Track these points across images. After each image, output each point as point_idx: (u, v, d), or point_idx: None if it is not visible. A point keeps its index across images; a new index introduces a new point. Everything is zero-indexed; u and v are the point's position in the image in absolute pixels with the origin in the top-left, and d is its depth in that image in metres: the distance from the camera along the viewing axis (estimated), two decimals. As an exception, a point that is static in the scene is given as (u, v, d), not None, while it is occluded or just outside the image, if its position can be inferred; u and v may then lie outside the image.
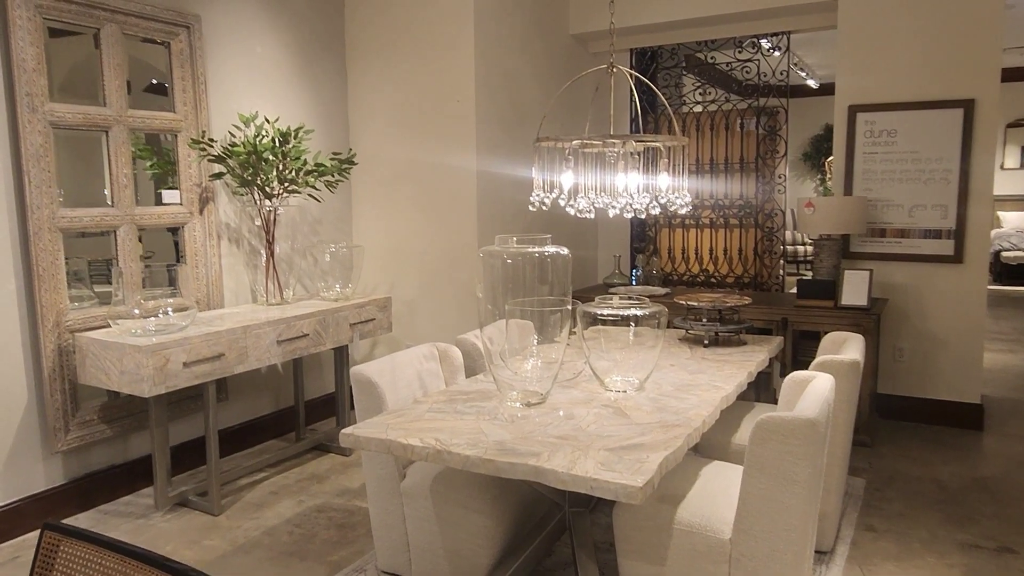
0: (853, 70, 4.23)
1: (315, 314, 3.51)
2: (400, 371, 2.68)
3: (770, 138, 4.83)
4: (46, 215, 2.95)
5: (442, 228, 4.27)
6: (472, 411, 2.28)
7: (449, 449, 1.95)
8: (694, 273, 5.14)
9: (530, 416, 2.23)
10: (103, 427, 3.21)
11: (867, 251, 4.28)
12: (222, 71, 3.70)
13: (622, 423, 2.14)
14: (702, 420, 2.17)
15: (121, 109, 3.21)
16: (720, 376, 2.66)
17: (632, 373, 2.54)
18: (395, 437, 2.04)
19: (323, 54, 4.29)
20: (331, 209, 4.39)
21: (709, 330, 3.13)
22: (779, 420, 1.93)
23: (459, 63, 4.11)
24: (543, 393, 2.40)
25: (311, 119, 4.21)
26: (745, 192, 4.94)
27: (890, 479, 3.49)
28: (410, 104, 4.30)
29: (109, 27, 3.15)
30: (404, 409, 2.32)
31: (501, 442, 1.99)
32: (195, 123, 3.50)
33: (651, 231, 5.28)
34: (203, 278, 3.59)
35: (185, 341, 2.92)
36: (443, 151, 4.21)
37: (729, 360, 2.90)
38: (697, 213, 5.08)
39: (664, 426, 2.11)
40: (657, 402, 2.35)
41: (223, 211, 3.74)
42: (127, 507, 3.25)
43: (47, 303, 2.97)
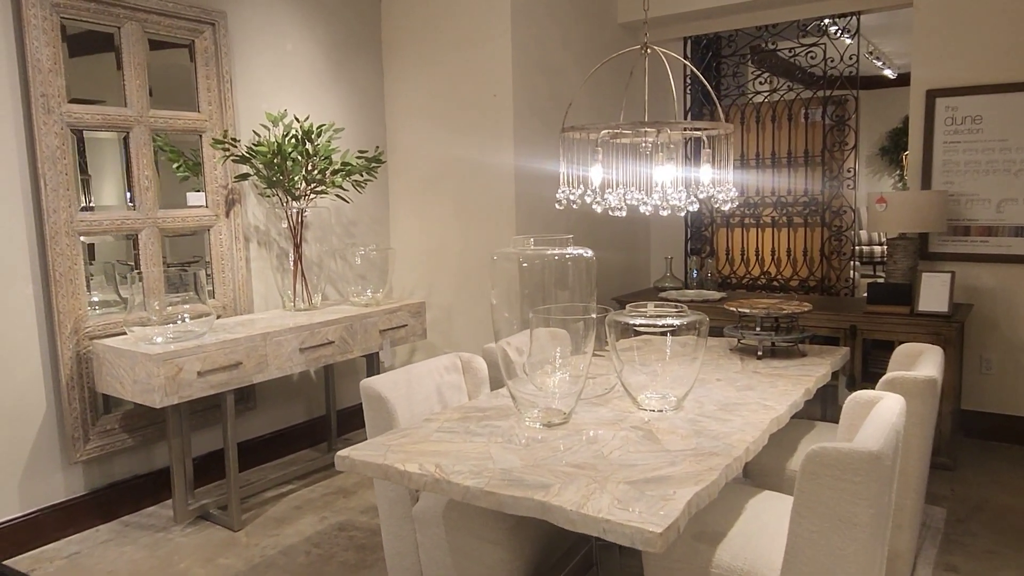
0: (931, 51, 3.81)
1: (341, 320, 3.35)
2: (417, 384, 2.48)
3: (838, 129, 4.43)
4: (63, 219, 2.87)
5: (480, 228, 4.06)
6: (485, 432, 2.05)
7: (449, 478, 1.72)
8: (754, 276, 4.77)
9: (548, 439, 1.98)
10: (124, 436, 3.12)
11: (948, 251, 3.85)
12: (250, 69, 3.59)
13: (651, 449, 1.88)
14: (745, 448, 1.88)
15: (142, 109, 3.12)
16: (772, 394, 2.35)
17: (671, 389, 2.27)
18: (393, 462, 1.83)
19: (358, 50, 4.15)
20: (366, 210, 4.24)
21: (763, 340, 2.81)
22: (834, 453, 1.63)
23: (496, 56, 3.90)
24: (566, 412, 2.15)
25: (345, 118, 4.07)
26: (811, 188, 4.55)
27: (976, 509, 3.08)
28: (447, 100, 4.11)
29: (129, 26, 3.06)
30: (410, 429, 2.11)
31: (509, 470, 1.76)
32: (220, 123, 3.39)
33: (707, 231, 4.94)
34: (229, 282, 3.47)
35: (199, 349, 2.80)
36: (480, 148, 4.00)
37: (784, 375, 2.58)
38: (757, 211, 4.72)
39: (699, 455, 1.83)
40: (695, 424, 2.07)
41: (251, 213, 3.63)
42: (149, 519, 3.16)
43: (64, 309, 2.89)
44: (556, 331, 2.52)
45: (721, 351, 2.95)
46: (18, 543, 2.86)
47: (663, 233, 5.10)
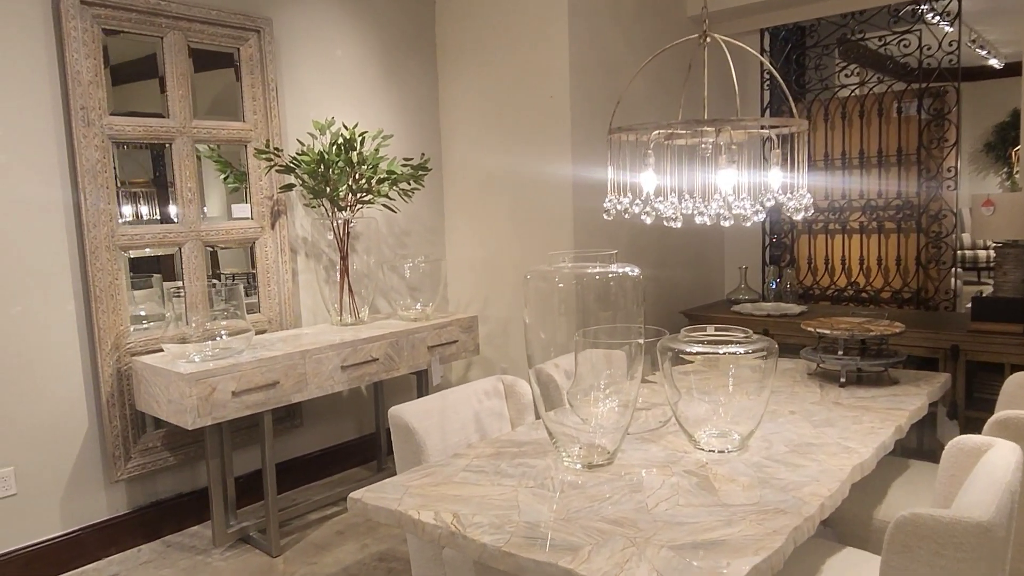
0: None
1: (387, 336, 3.19)
2: (452, 411, 2.28)
3: (936, 124, 3.98)
4: (104, 233, 2.82)
5: (537, 238, 3.83)
6: (517, 473, 1.82)
7: (465, 532, 1.51)
8: (840, 287, 4.36)
9: (587, 484, 1.74)
10: (166, 455, 3.05)
11: (1070, 261, 3.36)
12: (297, 77, 3.48)
13: (705, 502, 1.60)
14: (819, 504, 1.58)
15: (185, 120, 3.05)
16: (856, 432, 2.03)
17: (735, 424, 1.98)
18: (408, 508, 1.63)
19: (412, 54, 4.00)
20: (420, 220, 4.09)
21: (847, 365, 2.47)
22: (931, 522, 1.32)
23: (553, 55, 3.67)
24: (610, 451, 1.90)
25: (398, 125, 3.93)
26: (904, 190, 4.10)
27: (1107, 565, 2.63)
28: (503, 104, 3.90)
29: (172, 35, 3.00)
30: (436, 466, 1.90)
31: (535, 524, 1.52)
32: (266, 132, 3.30)
33: (787, 238, 4.55)
34: (275, 296, 3.37)
35: (234, 368, 2.68)
36: (537, 153, 3.77)
37: (871, 407, 2.24)
38: (844, 216, 4.30)
39: (763, 512, 1.55)
40: (761, 470, 1.78)
41: (299, 224, 3.53)
42: (191, 539, 3.08)
43: (105, 325, 2.84)
44: (612, 353, 2.28)
45: (797, 376, 2.62)
46: (60, 562, 2.82)
47: (739, 241, 4.74)
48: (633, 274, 1.85)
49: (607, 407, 2.04)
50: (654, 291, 4.23)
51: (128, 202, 2.97)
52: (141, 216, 3.02)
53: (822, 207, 4.38)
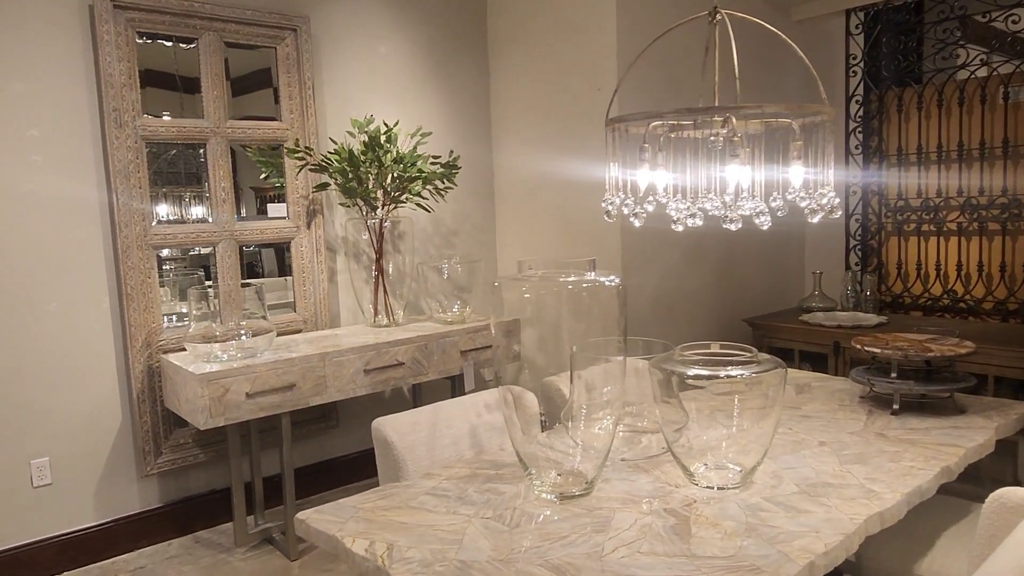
0: None
1: (414, 340, 3.10)
2: (445, 426, 2.14)
3: (1051, 110, 3.45)
4: (136, 232, 2.88)
5: (584, 238, 3.63)
6: (481, 500, 1.66)
7: (390, 568, 1.36)
8: (934, 296, 3.88)
9: (550, 519, 1.55)
10: (197, 451, 3.09)
11: None
12: (338, 75, 3.45)
13: (671, 551, 1.38)
14: (807, 563, 1.33)
15: (219, 120, 3.07)
16: (890, 472, 1.72)
17: (743, 456, 1.74)
18: (346, 534, 1.51)
19: (462, 49, 3.89)
20: (469, 219, 3.98)
21: (899, 389, 2.14)
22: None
23: (601, 45, 3.45)
24: (590, 480, 1.70)
25: (447, 123, 3.83)
26: (1012, 186, 3.59)
27: None
28: (554, 98, 3.72)
29: (207, 36, 3.02)
30: (397, 487, 1.77)
31: (468, 565, 1.36)
32: (302, 131, 3.28)
33: (875, 240, 4.10)
34: (311, 296, 3.36)
35: (249, 370, 2.66)
36: (584, 150, 3.57)
37: (920, 441, 1.92)
38: (939, 216, 3.83)
39: (732, 569, 1.31)
40: (756, 513, 1.53)
41: (339, 224, 3.49)
42: (220, 536, 3.11)
43: (136, 323, 2.90)
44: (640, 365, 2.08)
45: (846, 399, 2.31)
46: (92, 552, 2.90)
47: (821, 243, 4.33)
48: (610, 284, 1.64)
49: (603, 430, 1.84)
50: (716, 298, 3.93)
51: (162, 201, 3.02)
52: (176, 216, 3.07)
53: (915, 206, 3.91)
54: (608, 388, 1.88)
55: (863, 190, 4.08)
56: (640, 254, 3.54)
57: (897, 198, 3.98)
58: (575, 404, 1.96)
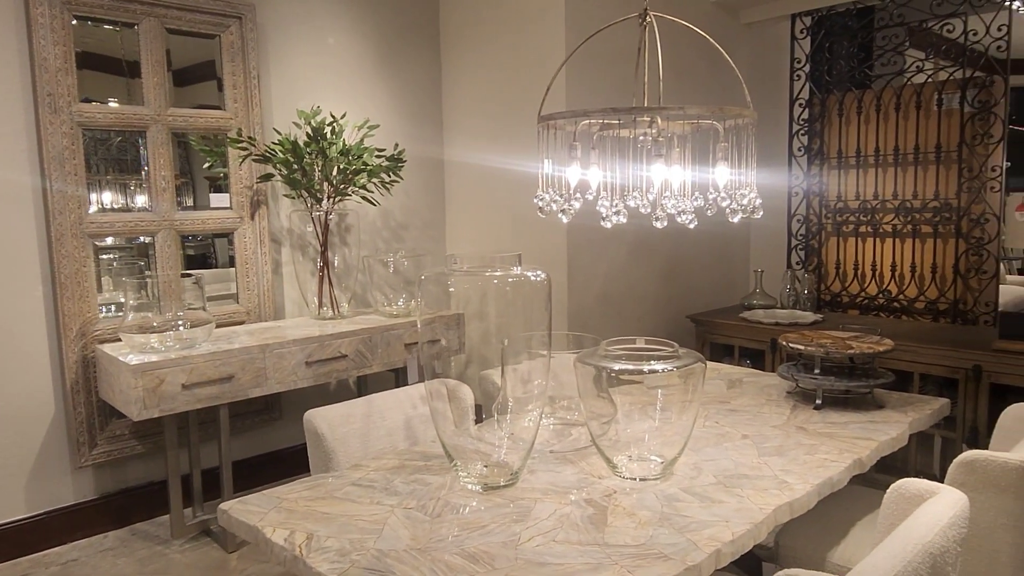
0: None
1: (358, 332, 3.09)
2: (379, 417, 2.15)
3: (980, 118, 3.58)
4: (71, 220, 2.82)
5: (533, 233, 3.66)
6: (406, 491, 1.68)
7: (307, 558, 1.38)
8: (870, 295, 4.00)
9: (472, 508, 1.58)
10: (134, 443, 3.05)
11: (1122, 275, 2.96)
12: (285, 65, 3.42)
13: (585, 540, 1.42)
14: (714, 551, 1.38)
15: (160, 108, 3.02)
16: (804, 464, 1.79)
17: (666, 448, 1.78)
18: (266, 525, 1.52)
19: (414, 43, 3.88)
20: (419, 213, 3.98)
21: (822, 385, 2.21)
22: (808, 586, 1.11)
23: (549, 39, 3.48)
24: (515, 471, 1.73)
25: (397, 115, 3.83)
26: (944, 190, 3.72)
27: None
28: (503, 94, 3.74)
29: (147, 22, 2.97)
30: (321, 480, 1.78)
31: (385, 553, 1.38)
32: (247, 121, 3.24)
33: (815, 241, 4.21)
34: (254, 287, 3.33)
35: (185, 361, 2.63)
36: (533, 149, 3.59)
37: (839, 435, 1.99)
38: (876, 218, 3.95)
39: (642, 556, 1.35)
40: (672, 504, 1.58)
41: (284, 215, 3.47)
42: (156, 528, 3.07)
43: (70, 312, 2.84)
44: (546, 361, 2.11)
45: (774, 394, 2.38)
46: (22, 545, 2.85)
47: (765, 242, 4.43)
48: (536, 278, 1.67)
49: (532, 422, 1.87)
50: (662, 294, 3.99)
51: (99, 189, 2.97)
52: (116, 204, 3.02)
53: (853, 208, 4.03)
54: (538, 382, 1.91)
55: (805, 191, 4.19)
56: (587, 250, 3.58)
57: (837, 200, 4.10)
58: (506, 397, 1.99)
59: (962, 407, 2.94)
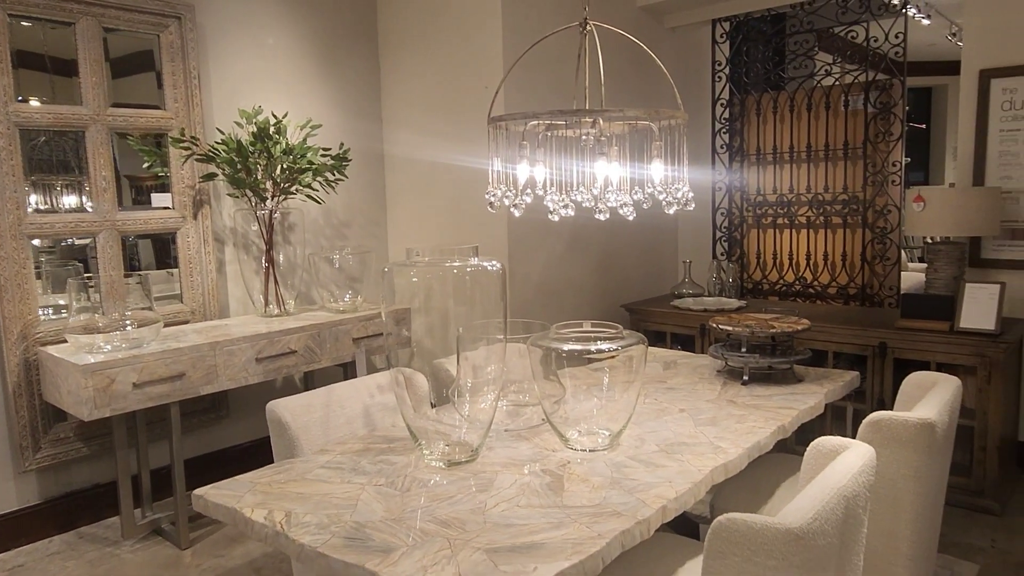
0: (985, 23, 3.28)
1: (307, 328, 3.15)
2: (339, 406, 2.24)
3: (882, 118, 3.91)
4: (10, 221, 2.79)
5: (474, 230, 3.79)
6: (374, 470, 1.79)
7: (288, 532, 1.47)
8: (788, 282, 4.30)
9: (439, 483, 1.70)
10: (79, 445, 3.03)
11: (1005, 258, 3.32)
12: (225, 65, 3.44)
13: (545, 503, 1.56)
14: (660, 507, 1.54)
15: (99, 108, 3.01)
16: (736, 431, 1.98)
17: (613, 422, 1.94)
18: (244, 506, 1.60)
19: (352, 43, 3.95)
20: (361, 211, 4.05)
21: (748, 362, 2.43)
22: (744, 528, 1.28)
23: (487, 44, 3.61)
24: (475, 447, 1.86)
25: (337, 115, 3.88)
26: (851, 184, 4.05)
27: (1018, 567, 2.60)
28: (444, 94, 3.85)
29: (85, 21, 2.95)
30: (291, 463, 1.87)
31: (362, 524, 1.49)
32: (188, 121, 3.25)
33: (738, 232, 4.49)
34: (198, 287, 3.34)
35: (135, 360, 2.65)
36: (474, 145, 3.73)
37: (764, 406, 2.20)
38: (792, 211, 4.25)
39: (598, 514, 1.51)
40: (620, 470, 1.74)
41: (227, 214, 3.49)
42: (105, 531, 3.06)
43: (11, 314, 2.81)
44: (521, 347, 2.24)
45: (707, 372, 2.58)
46: (-36, 553, 2.80)
47: (692, 235, 4.69)
48: (492, 268, 1.80)
49: (487, 403, 2.00)
50: (597, 285, 4.19)
51: (39, 190, 2.93)
52: (56, 205, 2.98)
53: (771, 201, 4.32)
54: (492, 367, 2.04)
55: (727, 186, 4.46)
56: (526, 244, 3.73)
57: (756, 194, 4.38)
58: (462, 382, 2.12)
59: (871, 380, 3.24)
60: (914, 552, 1.91)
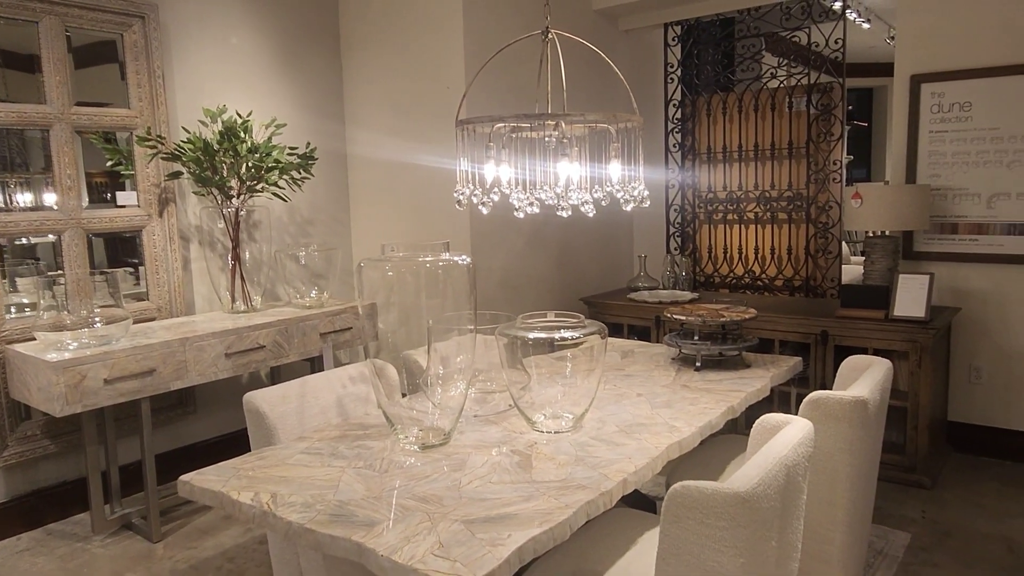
0: (916, 31, 3.52)
1: (275, 324, 3.22)
2: (313, 397, 2.33)
3: (823, 119, 4.14)
4: (-26, 220, 2.79)
5: (434, 230, 3.89)
6: (352, 454, 1.89)
7: (276, 511, 1.56)
8: (738, 275, 4.51)
9: (414, 464, 1.81)
10: (47, 442, 3.04)
11: (934, 251, 3.56)
12: (189, 64, 3.47)
13: (517, 480, 1.69)
14: (621, 480, 1.68)
15: (64, 106, 3.02)
16: (689, 413, 2.14)
17: (575, 406, 2.08)
18: (231, 489, 1.68)
19: (314, 45, 4.00)
20: (325, 209, 4.11)
21: (700, 349, 2.59)
22: (696, 493, 1.43)
23: (449, 45, 3.71)
24: (447, 432, 1.98)
25: (300, 115, 3.94)
26: (796, 182, 4.27)
27: (945, 535, 2.82)
28: (405, 95, 3.94)
29: (48, 20, 2.96)
30: (272, 449, 1.95)
31: (345, 503, 1.59)
32: (152, 119, 3.28)
33: (690, 228, 4.68)
34: (164, 284, 3.37)
35: (106, 356, 2.68)
36: (437, 144, 3.82)
37: (715, 389, 2.36)
38: (741, 207, 4.45)
39: (566, 487, 1.64)
40: (584, 449, 1.87)
41: (191, 212, 3.52)
42: (74, 527, 3.08)
43: (-24, 313, 2.81)
44: (489, 339, 2.35)
45: (662, 360, 2.74)
46: (-69, 552, 2.79)
47: (647, 231, 4.87)
48: (462, 262, 1.92)
49: (458, 391, 2.12)
50: (556, 279, 4.33)
51: (2, 189, 2.93)
52: (18, 203, 2.99)
53: (721, 198, 4.52)
54: (461, 357, 2.16)
55: (680, 184, 4.65)
56: (487, 240, 3.85)
57: (707, 191, 4.58)
58: (432, 371, 2.23)
59: (813, 366, 3.45)
60: (850, 519, 2.09)
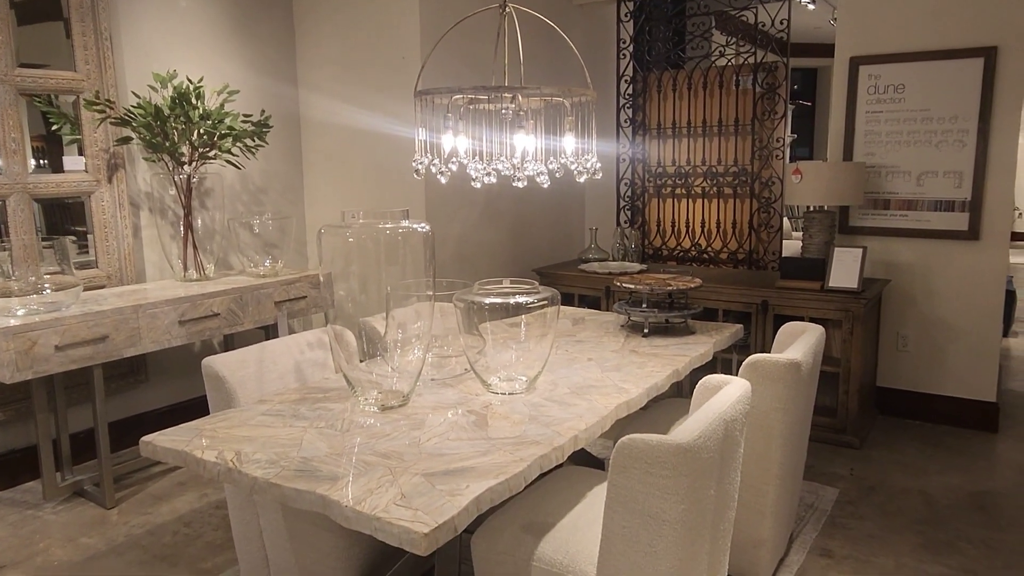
0: (856, 14, 3.66)
1: (229, 292, 3.22)
2: (271, 362, 2.36)
3: (768, 98, 4.28)
4: (-87, 183, 2.71)
5: (391, 198, 3.91)
6: (313, 415, 1.94)
7: (241, 468, 1.61)
8: (685, 248, 4.66)
9: (375, 424, 1.88)
10: (-6, 411, 3.00)
11: (868, 225, 3.75)
12: (137, 27, 3.39)
13: (473, 437, 1.77)
14: (572, 436, 1.78)
15: (7, 68, 2.94)
16: (637, 376, 2.25)
17: (529, 370, 2.17)
18: (194, 448, 1.72)
19: (267, 9, 3.94)
20: (278, 177, 4.09)
21: (648, 317, 2.71)
22: (643, 445, 1.53)
23: (404, 13, 3.71)
24: (405, 394, 2.05)
25: (252, 81, 3.89)
26: (740, 158, 4.41)
27: (870, 490, 3.03)
28: (360, 61, 3.92)
29: (-12, -24, 2.86)
30: (233, 412, 1.99)
31: (309, 459, 1.65)
32: (100, 83, 3.21)
33: (639, 201, 4.80)
34: (114, 252, 3.33)
35: (58, 322, 2.66)
36: (391, 113, 3.83)
37: (661, 354, 2.48)
38: (689, 182, 4.59)
39: (520, 443, 1.73)
40: (537, 408, 1.97)
41: (141, 179, 3.47)
42: (24, 495, 3.06)
43: (-82, 279, 2.74)
44: (445, 306, 2.41)
45: (612, 327, 2.85)
46: None
47: (598, 204, 4.97)
48: (422, 230, 1.98)
49: (416, 356, 2.18)
50: (509, 250, 4.41)
51: (-58, 151, 2.85)
52: (-41, 166, 2.91)
53: (670, 173, 4.64)
54: (419, 323, 2.22)
55: (631, 158, 4.75)
56: (443, 211, 3.90)
57: (657, 165, 4.69)
58: (390, 337, 2.29)
59: (754, 333, 3.62)
60: (783, 473, 2.25)
